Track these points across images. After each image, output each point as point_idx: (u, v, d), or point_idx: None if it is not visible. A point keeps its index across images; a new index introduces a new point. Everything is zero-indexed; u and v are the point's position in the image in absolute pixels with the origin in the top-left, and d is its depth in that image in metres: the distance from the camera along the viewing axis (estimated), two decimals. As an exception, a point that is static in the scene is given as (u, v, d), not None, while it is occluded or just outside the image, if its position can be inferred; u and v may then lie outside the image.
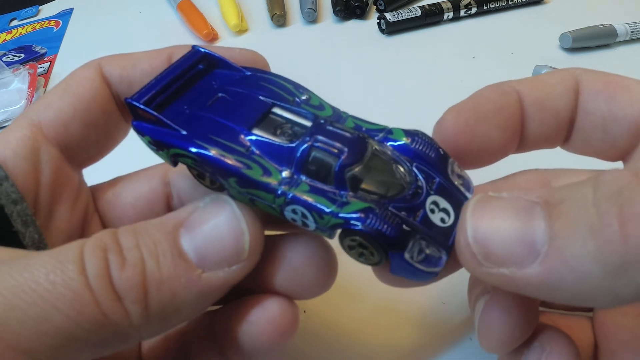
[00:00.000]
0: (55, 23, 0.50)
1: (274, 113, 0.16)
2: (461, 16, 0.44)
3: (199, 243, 0.14)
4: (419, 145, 0.16)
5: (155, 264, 0.14)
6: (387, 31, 0.43)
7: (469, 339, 0.22)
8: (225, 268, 0.15)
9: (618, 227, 0.11)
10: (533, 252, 0.12)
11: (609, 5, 0.44)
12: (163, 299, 0.14)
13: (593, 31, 0.39)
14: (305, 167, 0.15)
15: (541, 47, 0.40)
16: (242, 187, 0.15)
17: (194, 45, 0.19)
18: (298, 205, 0.14)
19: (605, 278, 0.11)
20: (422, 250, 0.14)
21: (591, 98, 0.17)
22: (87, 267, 0.13)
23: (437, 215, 0.15)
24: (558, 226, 0.12)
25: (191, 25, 0.45)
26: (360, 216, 0.14)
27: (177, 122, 0.16)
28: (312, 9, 0.45)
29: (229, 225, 0.15)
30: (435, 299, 0.24)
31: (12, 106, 0.39)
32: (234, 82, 0.17)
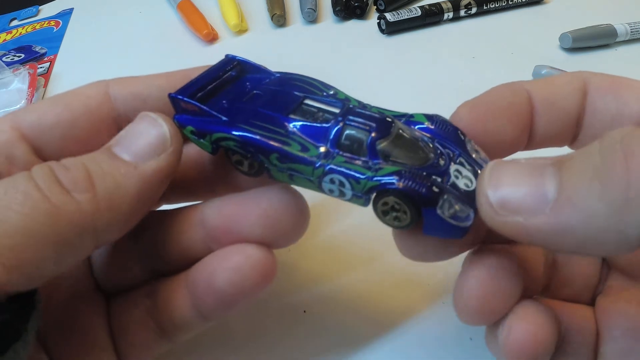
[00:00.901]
0: (55, 23, 0.50)
1: (306, 104, 0.18)
2: (461, 16, 0.44)
3: (127, 142, 0.17)
4: (438, 125, 0.17)
5: (95, 165, 0.16)
6: (387, 31, 0.43)
7: (469, 339, 0.22)
8: (155, 157, 0.17)
9: (620, 164, 0.12)
10: (544, 200, 0.13)
11: (609, 5, 0.45)
12: (108, 187, 0.16)
13: (593, 31, 0.39)
14: (339, 143, 0.16)
15: (541, 47, 0.40)
16: (282, 162, 0.17)
17: (228, 54, 0.20)
18: (335, 175, 0.16)
19: (611, 217, 0.12)
20: (452, 206, 0.15)
21: (599, 97, 0.18)
22: (34, 175, 0.15)
23: (461, 180, 0.16)
24: (566, 176, 0.13)
25: (191, 25, 0.45)
26: (394, 177, 0.15)
27: (218, 111, 0.18)
28: (312, 9, 0.45)
29: (149, 124, 0.17)
30: (435, 299, 0.24)
31: (12, 106, 0.39)
32: (266, 82, 0.19)
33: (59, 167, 0.15)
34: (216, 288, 0.17)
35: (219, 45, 0.44)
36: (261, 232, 0.18)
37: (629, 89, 0.17)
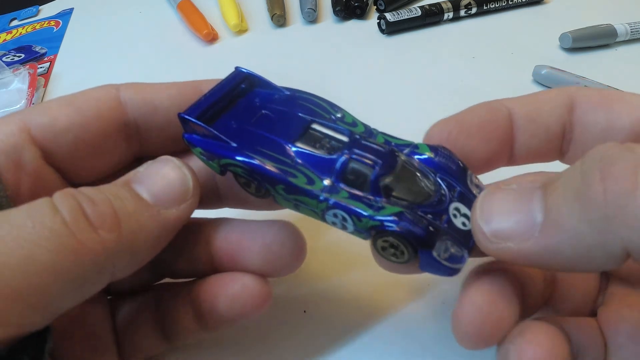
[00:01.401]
0: (55, 23, 0.50)
1: (313, 129, 0.18)
2: (461, 16, 0.44)
3: (152, 188, 0.17)
4: (441, 158, 0.17)
5: (120, 202, 0.16)
6: (387, 31, 0.43)
7: (469, 339, 0.22)
8: (176, 206, 0.17)
9: (597, 185, 0.12)
10: (533, 224, 0.14)
11: (609, 5, 0.45)
12: (133, 228, 0.16)
13: (593, 31, 0.39)
14: (344, 177, 0.17)
15: (541, 47, 0.40)
16: (288, 193, 0.17)
17: (237, 66, 0.21)
18: (339, 210, 0.16)
19: (594, 236, 0.13)
20: (448, 249, 0.16)
21: (589, 111, 0.18)
22: (59, 207, 0.15)
23: (459, 219, 0.16)
24: (552, 198, 0.14)
25: (191, 25, 0.45)
26: (394, 219, 0.16)
27: (226, 134, 0.18)
28: (312, 9, 0.45)
29: (174, 172, 0.18)
30: (436, 299, 0.24)
31: (12, 106, 0.39)
32: (275, 100, 0.19)
33: (84, 199, 0.15)
34: (217, 311, 0.19)
35: (219, 45, 0.44)
36: (261, 264, 0.19)
37: (620, 101, 0.18)
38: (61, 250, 0.14)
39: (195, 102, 0.19)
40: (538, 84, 0.36)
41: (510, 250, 0.15)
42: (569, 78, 0.35)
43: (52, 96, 0.41)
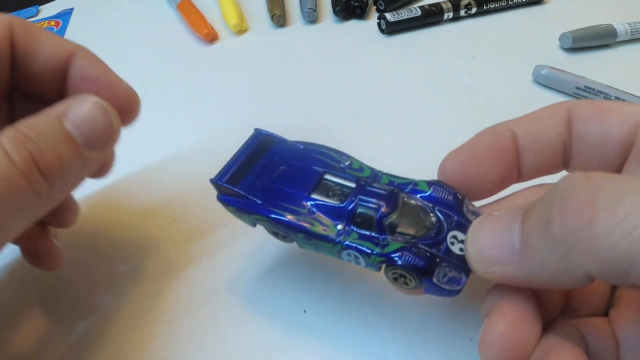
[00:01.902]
0: (55, 23, 0.50)
1: (325, 179, 0.21)
2: (461, 16, 0.44)
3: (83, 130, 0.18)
4: (438, 193, 0.20)
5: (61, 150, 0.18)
6: (387, 31, 0.43)
7: (469, 339, 0.22)
8: (101, 150, 0.19)
9: (557, 219, 0.14)
10: (513, 252, 0.16)
11: (609, 5, 0.45)
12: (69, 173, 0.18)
13: (593, 31, 0.39)
14: (353, 220, 0.19)
15: (541, 47, 0.40)
16: (308, 239, 0.20)
17: (257, 128, 0.23)
18: (351, 250, 0.19)
19: (558, 264, 0.14)
20: (446, 275, 0.18)
21: (585, 124, 0.19)
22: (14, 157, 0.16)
23: (457, 246, 0.18)
24: (526, 228, 0.15)
25: (191, 25, 0.45)
26: (398, 254, 0.18)
27: (252, 193, 0.21)
28: (312, 9, 0.45)
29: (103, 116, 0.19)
30: (436, 299, 0.24)
31: (12, 106, 0.39)
32: (291, 156, 0.22)
33: (34, 148, 0.17)
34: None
35: (219, 45, 0.44)
36: None
37: (610, 113, 0.19)
38: (13, 195, 0.16)
39: (223, 167, 0.22)
40: (538, 84, 0.36)
41: (497, 273, 0.16)
42: (569, 78, 0.35)
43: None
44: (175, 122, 0.36)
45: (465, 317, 0.23)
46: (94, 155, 0.19)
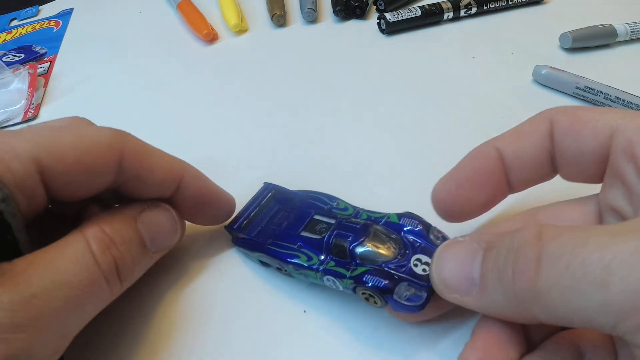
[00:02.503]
0: (55, 23, 0.50)
1: (314, 218, 0.25)
2: (461, 16, 0.44)
3: (153, 235, 0.22)
4: (407, 223, 0.23)
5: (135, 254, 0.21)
6: (387, 31, 0.43)
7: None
8: (164, 252, 0.23)
9: (509, 278, 0.16)
10: (472, 285, 0.17)
11: (609, 5, 0.44)
12: (138, 275, 0.22)
13: (593, 31, 0.39)
14: (331, 250, 0.23)
15: (541, 47, 0.40)
16: (296, 270, 0.23)
17: (266, 182, 0.28)
18: (329, 275, 0.22)
19: (512, 308, 0.16)
20: (407, 291, 0.20)
21: (562, 138, 0.19)
22: (100, 262, 0.19)
23: (420, 267, 0.21)
24: (484, 268, 0.17)
25: (191, 25, 0.45)
26: (365, 276, 0.21)
27: (256, 235, 0.25)
28: (312, 9, 0.45)
29: (171, 225, 0.23)
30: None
31: (12, 106, 0.39)
32: (290, 202, 0.26)
33: (117, 253, 0.19)
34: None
35: (219, 45, 0.44)
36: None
37: (585, 125, 0.19)
38: (94, 296, 0.19)
39: (236, 216, 0.26)
40: (538, 84, 0.36)
41: (457, 300, 0.18)
42: (569, 78, 0.35)
43: (52, 96, 0.41)
44: (175, 122, 0.36)
45: (465, 318, 0.23)
46: (157, 255, 0.22)
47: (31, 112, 0.39)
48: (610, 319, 0.14)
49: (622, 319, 0.13)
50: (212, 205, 0.25)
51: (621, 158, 0.18)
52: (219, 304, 0.25)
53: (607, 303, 0.13)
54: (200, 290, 0.25)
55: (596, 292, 0.13)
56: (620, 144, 0.18)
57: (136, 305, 0.25)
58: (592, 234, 0.14)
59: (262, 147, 0.33)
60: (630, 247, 0.13)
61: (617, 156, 0.18)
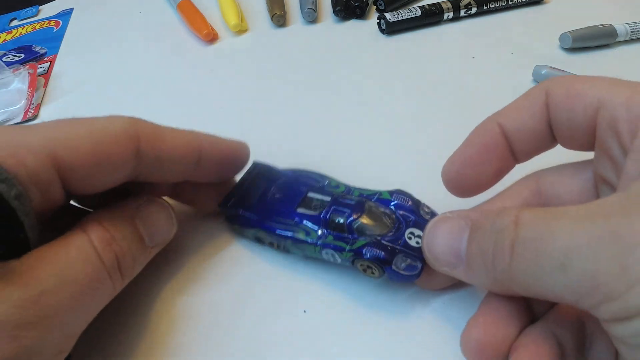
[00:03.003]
0: (55, 23, 0.50)
1: (308, 196, 0.25)
2: (461, 16, 0.44)
3: (151, 231, 0.22)
4: (398, 200, 0.24)
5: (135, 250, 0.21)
6: (387, 31, 0.43)
7: None
8: (161, 246, 0.23)
9: (490, 259, 0.17)
10: (459, 260, 0.19)
11: (609, 5, 0.44)
12: (138, 270, 0.22)
13: (593, 31, 0.39)
14: (329, 225, 0.23)
15: (541, 47, 0.40)
16: (294, 245, 0.24)
17: (255, 161, 0.28)
18: (328, 249, 0.23)
19: (494, 285, 0.18)
20: (403, 262, 0.22)
21: (556, 111, 0.20)
22: (104, 260, 0.19)
23: (414, 240, 0.22)
24: (470, 248, 0.18)
25: (191, 25, 0.45)
26: (364, 248, 0.22)
27: (251, 212, 0.26)
28: (312, 9, 0.45)
29: (168, 220, 0.23)
30: (436, 299, 0.24)
31: (12, 106, 0.39)
32: (282, 180, 0.27)
33: (118, 250, 0.20)
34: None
35: (219, 45, 0.44)
36: None
37: (576, 99, 0.19)
38: (98, 291, 0.19)
39: (228, 193, 0.27)
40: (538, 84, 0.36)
41: (447, 272, 0.20)
42: (569, 78, 0.35)
43: (52, 96, 0.41)
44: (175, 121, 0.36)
45: (465, 318, 0.23)
46: (155, 250, 0.23)
47: (31, 112, 0.39)
48: (574, 296, 0.15)
49: (581, 297, 0.15)
50: (232, 162, 0.26)
51: (606, 133, 0.18)
52: (219, 304, 0.25)
53: (567, 284, 0.15)
54: (200, 289, 0.25)
55: (558, 275, 0.15)
56: (605, 119, 0.18)
57: (133, 303, 0.25)
58: (559, 220, 0.16)
59: (261, 147, 0.33)
60: (587, 235, 0.15)
61: (602, 131, 0.19)
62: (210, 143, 0.24)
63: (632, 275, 0.14)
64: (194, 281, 0.26)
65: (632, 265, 0.14)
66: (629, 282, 0.14)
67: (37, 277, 0.17)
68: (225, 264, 0.26)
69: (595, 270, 0.15)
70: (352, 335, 0.23)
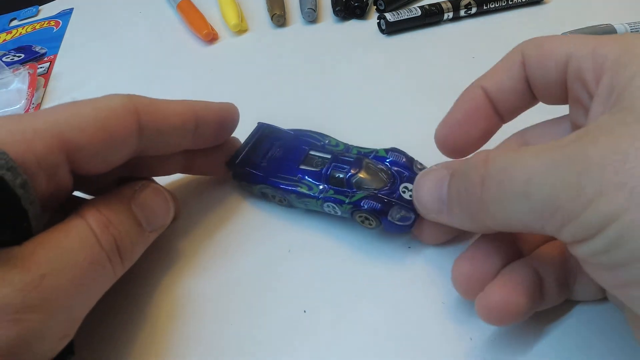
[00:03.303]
0: (55, 23, 0.50)
1: (310, 154, 0.28)
2: (461, 16, 0.44)
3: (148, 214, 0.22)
4: (394, 156, 0.26)
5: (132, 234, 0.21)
6: (387, 31, 0.43)
7: (469, 339, 0.22)
8: (159, 231, 0.24)
9: (464, 196, 0.19)
10: (442, 206, 0.21)
11: (609, 5, 0.44)
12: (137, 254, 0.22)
13: (593, 31, 0.39)
14: (330, 181, 0.26)
15: (541, 47, 0.40)
16: (298, 199, 0.26)
17: (259, 122, 0.30)
18: (330, 202, 0.25)
19: (471, 222, 0.20)
20: (398, 213, 0.24)
21: (532, 69, 0.21)
22: (104, 244, 0.19)
23: (407, 194, 0.25)
24: (449, 192, 0.20)
25: (191, 25, 0.45)
26: (362, 201, 0.24)
27: (257, 169, 0.28)
28: (312, 9, 0.45)
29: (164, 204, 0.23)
30: (435, 299, 0.24)
31: (12, 106, 0.39)
32: (285, 139, 0.29)
33: (117, 234, 0.20)
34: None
35: (219, 45, 0.44)
36: None
37: (548, 57, 0.21)
38: (99, 275, 0.19)
39: (235, 152, 0.28)
40: (538, 84, 0.36)
41: (434, 218, 0.22)
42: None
43: (52, 96, 0.41)
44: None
45: (465, 317, 0.23)
46: (153, 235, 0.23)
47: (31, 112, 0.39)
48: (538, 223, 0.16)
49: (545, 223, 0.16)
50: (227, 123, 0.26)
51: (575, 84, 0.20)
52: (219, 303, 0.25)
53: (531, 211, 0.16)
54: (200, 289, 0.25)
55: (522, 203, 0.16)
56: (573, 71, 0.20)
57: (133, 291, 0.25)
58: (522, 155, 0.17)
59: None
60: (545, 162, 0.16)
61: (572, 82, 0.20)
62: (204, 108, 0.25)
63: (586, 195, 0.15)
64: (193, 281, 0.26)
65: (586, 186, 0.15)
66: (584, 203, 0.15)
67: (38, 262, 0.17)
68: (225, 263, 0.26)
69: (553, 194, 0.15)
70: (351, 335, 0.23)
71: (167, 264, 0.26)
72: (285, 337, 0.23)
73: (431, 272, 0.25)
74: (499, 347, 0.22)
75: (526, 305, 0.20)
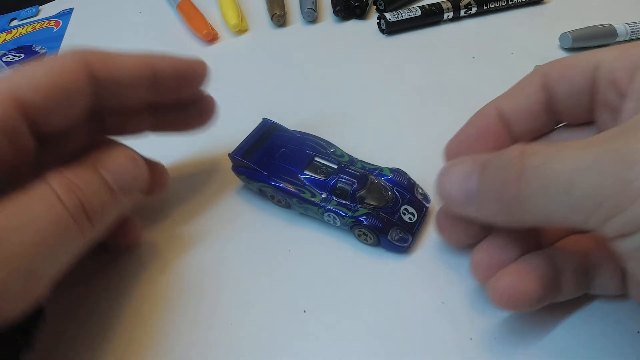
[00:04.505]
0: (55, 23, 0.50)
1: (315, 161, 0.27)
2: (461, 16, 0.44)
3: (117, 177, 0.22)
4: (397, 177, 0.27)
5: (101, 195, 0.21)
6: (387, 31, 0.43)
7: (469, 339, 0.22)
8: (131, 195, 0.23)
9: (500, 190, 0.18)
10: (471, 200, 0.20)
11: (609, 5, 0.44)
12: (108, 217, 0.22)
13: (593, 31, 0.39)
14: (334, 191, 0.26)
15: (541, 47, 0.40)
16: (299, 204, 0.27)
17: (264, 117, 0.30)
18: (330, 212, 0.26)
19: (503, 216, 0.19)
20: (397, 234, 0.25)
21: (556, 86, 0.21)
22: (67, 205, 0.19)
23: (407, 215, 0.26)
24: (482, 185, 0.19)
25: (191, 25, 0.45)
26: (364, 217, 0.25)
27: (260, 166, 0.27)
28: (312, 9, 0.45)
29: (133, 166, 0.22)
30: (435, 299, 0.24)
31: (12, 106, 0.39)
32: (290, 141, 0.29)
33: (81, 195, 0.20)
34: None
35: (219, 45, 0.44)
36: None
37: (573, 69, 0.21)
38: (63, 235, 0.19)
39: (238, 145, 0.28)
40: (538, 84, 0.36)
41: (459, 211, 0.21)
42: (569, 78, 0.35)
43: (52, 96, 0.41)
44: (175, 122, 0.36)
45: (465, 317, 0.23)
46: (127, 199, 0.22)
47: None
48: (580, 217, 0.16)
49: (587, 217, 0.16)
50: (190, 76, 0.25)
51: (606, 86, 0.20)
52: (218, 303, 0.25)
53: (574, 204, 0.16)
54: (199, 289, 0.25)
55: (564, 197, 0.16)
56: (604, 73, 0.20)
57: (131, 294, 0.25)
58: (563, 149, 0.17)
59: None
60: (589, 157, 0.16)
61: (602, 86, 0.20)
62: (162, 59, 0.24)
63: (633, 190, 0.15)
64: (192, 281, 0.26)
65: (633, 180, 0.15)
66: (630, 197, 0.15)
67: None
68: (224, 263, 0.26)
69: (598, 189, 0.15)
70: (351, 335, 0.23)
71: (166, 263, 0.26)
72: (285, 337, 0.23)
73: (431, 272, 0.25)
74: (499, 347, 0.22)
75: (537, 293, 0.20)
